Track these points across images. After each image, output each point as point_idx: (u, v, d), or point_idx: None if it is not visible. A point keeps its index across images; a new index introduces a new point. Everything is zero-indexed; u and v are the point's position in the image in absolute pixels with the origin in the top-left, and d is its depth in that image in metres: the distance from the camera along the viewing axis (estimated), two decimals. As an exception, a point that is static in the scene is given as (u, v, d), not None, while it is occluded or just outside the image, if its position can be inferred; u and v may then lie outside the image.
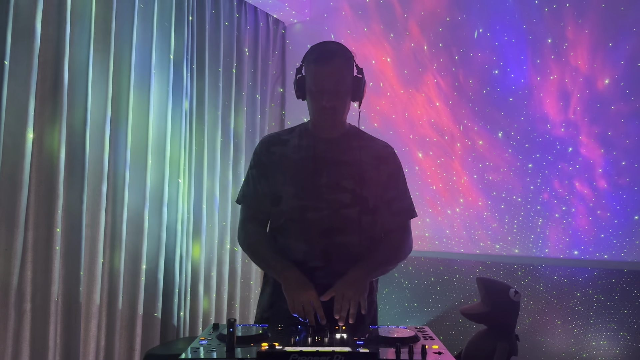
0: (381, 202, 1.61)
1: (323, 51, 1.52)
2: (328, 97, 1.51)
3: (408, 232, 1.66)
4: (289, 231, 1.57)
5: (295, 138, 1.64)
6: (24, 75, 1.94)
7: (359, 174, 1.57)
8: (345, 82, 1.53)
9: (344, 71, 1.52)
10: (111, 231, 2.30)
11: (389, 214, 1.62)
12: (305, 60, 1.57)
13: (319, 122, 1.60)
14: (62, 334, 2.10)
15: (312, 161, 1.58)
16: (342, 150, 1.60)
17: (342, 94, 1.53)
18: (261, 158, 1.64)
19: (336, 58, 1.51)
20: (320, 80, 1.50)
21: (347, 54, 1.55)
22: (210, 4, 2.85)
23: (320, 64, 1.50)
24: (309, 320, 1.36)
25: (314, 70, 1.51)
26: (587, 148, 2.43)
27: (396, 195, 1.63)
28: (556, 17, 2.51)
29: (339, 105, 1.54)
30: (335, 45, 1.55)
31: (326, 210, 1.54)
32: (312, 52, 1.55)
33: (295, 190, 1.57)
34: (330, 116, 1.56)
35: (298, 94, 1.61)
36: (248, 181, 1.66)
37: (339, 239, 1.54)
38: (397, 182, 1.64)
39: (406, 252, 1.64)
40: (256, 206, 1.64)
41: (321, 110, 1.54)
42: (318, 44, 1.56)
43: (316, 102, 1.54)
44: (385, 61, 3.00)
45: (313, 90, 1.53)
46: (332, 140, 1.61)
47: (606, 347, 2.29)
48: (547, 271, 2.46)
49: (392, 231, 1.64)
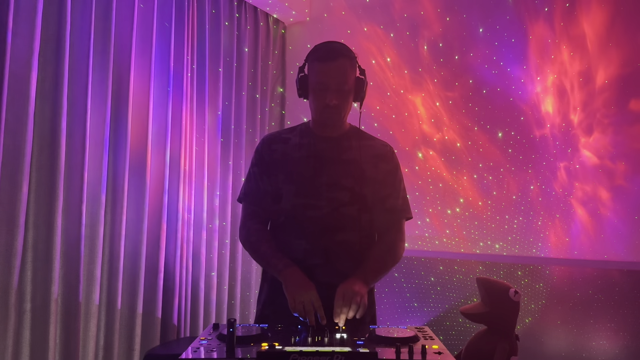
0: (376, 199, 1.61)
1: (328, 50, 1.53)
2: (332, 95, 1.52)
3: (401, 233, 1.65)
4: (289, 229, 1.58)
5: (297, 137, 1.65)
6: (24, 75, 1.94)
7: (358, 173, 1.58)
8: (349, 81, 1.54)
9: (348, 70, 1.53)
10: (111, 231, 2.30)
11: (382, 211, 1.62)
12: (308, 59, 1.57)
13: (321, 121, 1.60)
14: (62, 334, 2.10)
15: (313, 160, 1.59)
16: (343, 149, 1.61)
17: (345, 92, 1.54)
18: (262, 156, 1.65)
19: (341, 57, 1.52)
20: (325, 78, 1.51)
21: (351, 54, 1.56)
22: (210, 4, 2.85)
23: (325, 62, 1.51)
24: (309, 320, 1.37)
25: (319, 68, 1.52)
26: (586, 148, 2.43)
27: (391, 193, 1.63)
28: (556, 16, 2.51)
29: (342, 104, 1.55)
30: (340, 45, 1.56)
31: (326, 208, 1.55)
32: (316, 50, 1.56)
33: (296, 188, 1.57)
34: (333, 114, 1.56)
35: (300, 92, 1.62)
36: (249, 179, 1.67)
37: (339, 236, 1.55)
38: (394, 180, 1.65)
39: (400, 254, 1.63)
40: (257, 204, 1.65)
41: (324, 108, 1.54)
42: (322, 43, 1.57)
43: (319, 100, 1.54)
44: (385, 61, 3.00)
45: (317, 88, 1.53)
46: (333, 139, 1.62)
47: (606, 347, 2.29)
48: (547, 271, 2.46)
49: (385, 230, 1.63)
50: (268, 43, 3.28)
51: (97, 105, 2.23)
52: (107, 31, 2.26)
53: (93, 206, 2.22)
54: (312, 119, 1.65)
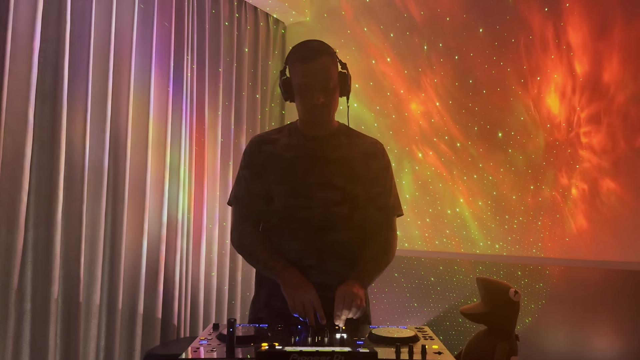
0: (368, 198, 1.61)
1: (307, 49, 1.53)
2: (318, 94, 1.51)
3: (393, 230, 1.65)
4: (281, 230, 1.58)
5: (285, 137, 1.64)
6: (24, 75, 1.94)
7: (349, 172, 1.58)
8: (333, 77, 1.54)
9: (330, 67, 1.53)
10: (111, 231, 2.30)
11: (374, 209, 1.62)
12: (289, 61, 1.57)
13: (310, 120, 1.60)
14: (62, 334, 2.10)
15: (303, 160, 1.59)
16: (332, 148, 1.60)
17: (331, 90, 1.54)
18: (252, 158, 1.64)
19: (321, 55, 1.51)
20: (309, 78, 1.51)
21: (330, 49, 1.55)
22: (210, 4, 2.85)
23: (307, 62, 1.50)
24: (309, 320, 1.37)
25: (301, 69, 1.52)
26: (587, 148, 2.42)
27: (382, 191, 1.63)
28: (556, 16, 2.51)
29: (330, 102, 1.55)
30: (317, 42, 1.56)
31: (317, 208, 1.55)
32: (295, 51, 1.55)
33: (287, 189, 1.57)
34: (322, 113, 1.56)
35: (285, 95, 1.61)
36: (239, 182, 1.66)
37: (331, 236, 1.55)
38: (385, 179, 1.64)
39: (393, 253, 1.63)
40: (249, 206, 1.64)
41: (312, 108, 1.54)
42: (300, 44, 1.57)
43: (306, 101, 1.54)
44: (385, 61, 3.00)
45: (302, 89, 1.53)
46: (322, 138, 1.61)
47: (606, 347, 2.29)
48: (547, 271, 2.46)
49: (378, 228, 1.63)
50: (268, 43, 3.28)
51: (97, 105, 2.23)
52: (107, 31, 2.26)
53: (93, 206, 2.22)
54: (299, 119, 1.64)
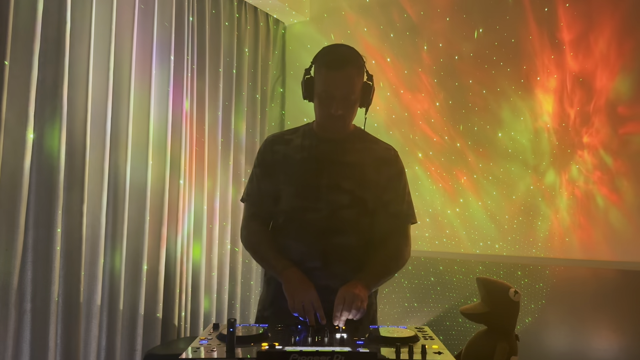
0: (379, 204, 1.60)
1: (336, 57, 1.49)
2: (337, 105, 1.50)
3: (406, 237, 1.64)
4: (288, 231, 1.58)
5: (299, 138, 1.63)
6: (24, 75, 1.94)
7: (359, 176, 1.57)
8: (356, 90, 1.51)
9: (355, 79, 1.50)
10: (112, 231, 2.30)
11: (385, 216, 1.61)
12: (316, 62, 1.54)
13: (325, 126, 1.59)
14: (63, 334, 2.10)
15: (314, 161, 1.58)
16: (345, 151, 1.59)
17: (351, 102, 1.52)
18: (265, 157, 1.64)
19: (349, 65, 1.48)
20: (331, 87, 1.48)
21: (360, 60, 1.52)
22: (210, 4, 2.85)
23: (333, 70, 1.48)
24: (309, 320, 1.37)
25: (326, 76, 1.49)
26: (587, 148, 2.42)
27: (394, 198, 1.62)
28: (556, 16, 2.51)
29: (347, 113, 1.53)
30: (348, 51, 1.52)
31: (325, 210, 1.54)
32: (324, 55, 1.52)
33: (295, 190, 1.57)
34: (337, 123, 1.55)
35: (305, 94, 1.59)
36: (252, 180, 1.66)
37: (337, 239, 1.54)
38: (397, 185, 1.63)
39: (405, 259, 1.61)
40: (259, 205, 1.64)
41: (329, 116, 1.53)
42: (331, 47, 1.54)
43: (324, 109, 1.52)
44: (385, 61, 3.00)
45: (322, 96, 1.51)
46: (336, 141, 1.60)
47: (606, 347, 2.29)
48: (547, 271, 2.46)
49: (389, 235, 1.61)
50: (268, 43, 3.28)
51: (97, 105, 2.23)
52: (107, 31, 2.26)
53: (94, 206, 2.22)
54: (316, 121, 1.63)
